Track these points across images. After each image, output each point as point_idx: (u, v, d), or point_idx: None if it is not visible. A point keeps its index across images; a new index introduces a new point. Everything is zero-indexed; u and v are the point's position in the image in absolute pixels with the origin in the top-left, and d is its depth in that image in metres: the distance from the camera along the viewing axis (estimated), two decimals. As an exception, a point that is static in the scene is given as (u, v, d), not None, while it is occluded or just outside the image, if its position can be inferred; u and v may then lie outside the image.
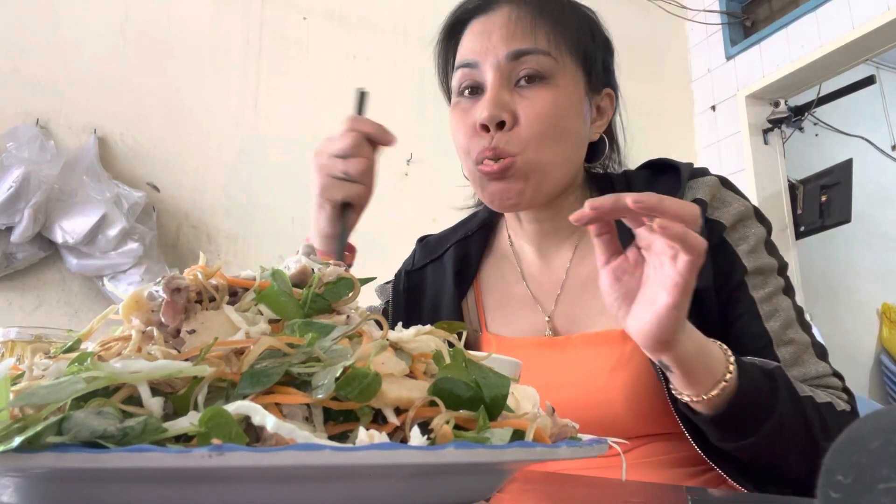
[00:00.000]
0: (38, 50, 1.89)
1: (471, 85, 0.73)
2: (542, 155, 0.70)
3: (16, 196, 1.65)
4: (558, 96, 0.71)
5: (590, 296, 0.75)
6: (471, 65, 0.73)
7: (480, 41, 0.72)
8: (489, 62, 0.71)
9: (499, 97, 0.69)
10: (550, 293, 0.79)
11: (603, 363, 0.70)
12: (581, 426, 0.69)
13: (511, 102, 0.70)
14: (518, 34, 0.71)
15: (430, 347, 0.34)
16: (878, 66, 3.73)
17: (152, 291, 0.32)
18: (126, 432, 0.23)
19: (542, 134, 0.69)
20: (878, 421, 0.21)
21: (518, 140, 0.69)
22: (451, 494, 0.30)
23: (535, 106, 0.69)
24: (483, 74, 0.72)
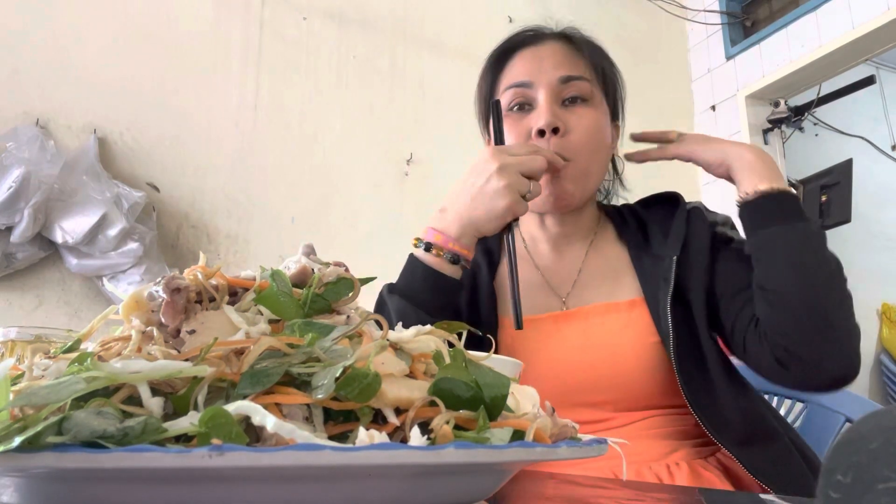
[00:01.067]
0: (38, 50, 1.89)
1: (521, 102, 0.84)
2: (589, 163, 0.83)
3: (16, 196, 1.64)
4: (598, 115, 0.84)
5: (600, 281, 0.87)
6: (524, 84, 0.84)
7: (533, 65, 0.85)
8: (542, 82, 0.83)
9: (553, 109, 0.82)
10: (566, 282, 0.89)
11: (612, 326, 0.81)
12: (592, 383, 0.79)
13: (562, 115, 0.82)
14: (566, 63, 0.84)
15: (430, 347, 0.34)
16: (878, 66, 3.73)
17: (152, 291, 0.32)
18: (126, 432, 0.23)
19: (589, 144, 0.82)
20: (878, 421, 0.21)
21: (570, 147, 0.81)
22: (451, 494, 0.30)
23: (582, 120, 0.82)
24: (535, 93, 0.83)
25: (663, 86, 3.14)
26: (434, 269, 0.76)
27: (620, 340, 0.80)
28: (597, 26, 2.87)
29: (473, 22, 2.60)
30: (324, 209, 2.19)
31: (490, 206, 0.74)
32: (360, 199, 2.25)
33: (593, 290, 0.87)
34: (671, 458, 0.75)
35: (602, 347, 0.80)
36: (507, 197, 0.73)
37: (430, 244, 0.77)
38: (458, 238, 0.76)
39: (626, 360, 0.79)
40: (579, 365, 0.80)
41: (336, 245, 2.14)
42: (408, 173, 2.33)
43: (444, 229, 0.77)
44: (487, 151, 0.76)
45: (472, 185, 0.76)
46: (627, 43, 3.05)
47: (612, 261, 0.89)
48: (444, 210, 0.78)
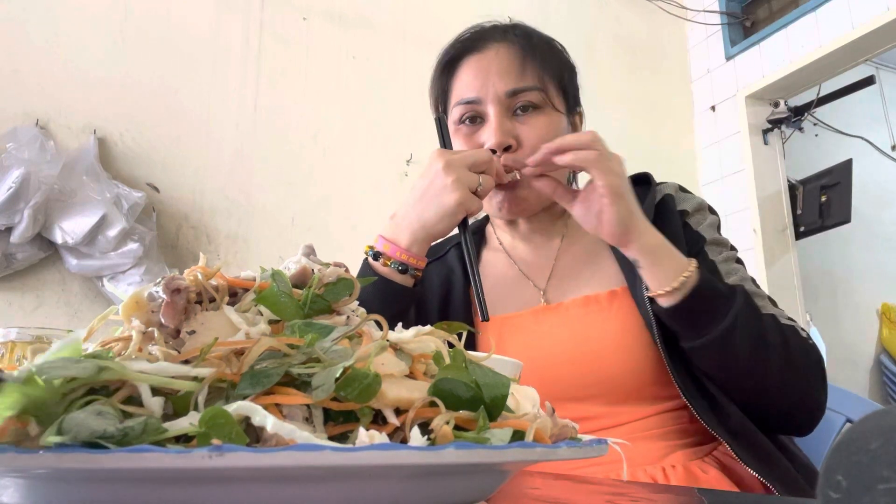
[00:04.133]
0: (38, 50, 1.89)
1: (471, 116, 0.84)
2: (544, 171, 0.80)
3: (15, 196, 1.64)
4: (550, 121, 0.82)
5: (578, 269, 0.86)
6: (473, 101, 0.83)
7: (479, 79, 0.83)
8: (490, 98, 0.82)
9: (503, 126, 0.81)
10: (542, 273, 0.88)
11: (594, 319, 0.79)
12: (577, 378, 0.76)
13: (513, 129, 0.81)
14: (512, 72, 0.82)
15: (430, 348, 0.34)
16: (878, 67, 3.74)
17: (152, 292, 0.32)
18: (126, 432, 0.23)
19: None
20: (878, 421, 0.21)
21: (523, 158, 0.79)
22: (451, 495, 0.30)
23: (533, 131, 0.81)
24: (484, 108, 0.82)
25: (663, 86, 3.14)
26: (383, 278, 0.75)
27: (603, 332, 0.78)
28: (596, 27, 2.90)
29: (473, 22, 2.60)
30: (324, 209, 2.19)
31: (439, 204, 0.72)
32: (360, 199, 2.25)
33: (572, 280, 0.86)
34: (666, 460, 0.73)
35: (585, 340, 0.78)
36: (455, 191, 0.71)
37: (379, 253, 0.76)
38: (408, 246, 0.74)
39: (611, 352, 0.77)
40: (563, 360, 0.78)
41: (336, 245, 2.14)
42: (408, 173, 2.33)
43: (394, 237, 0.75)
44: (433, 154, 0.75)
45: (420, 187, 0.74)
46: (627, 43, 3.05)
47: (589, 247, 0.88)
48: (395, 216, 0.77)
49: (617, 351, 0.77)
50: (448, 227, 0.74)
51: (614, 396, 0.77)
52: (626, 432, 0.76)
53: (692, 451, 0.75)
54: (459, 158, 0.73)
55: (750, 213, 2.86)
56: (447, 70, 0.88)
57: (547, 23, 0.95)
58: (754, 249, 2.83)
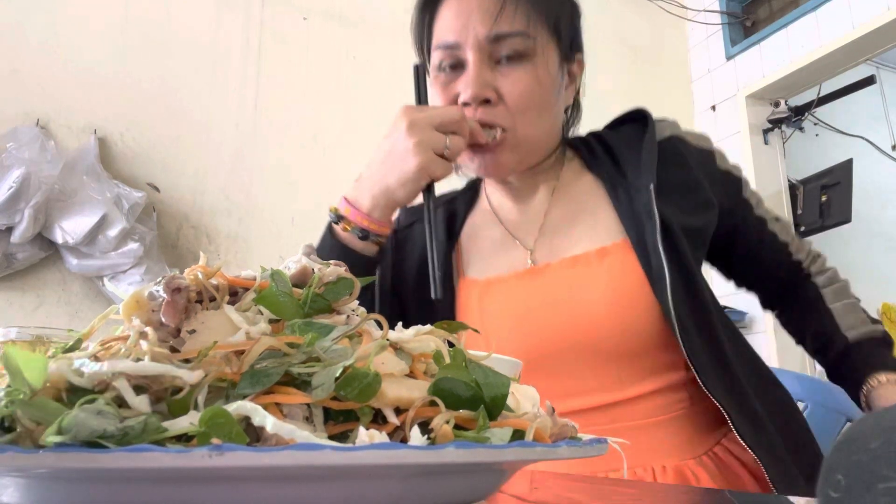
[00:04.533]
0: (38, 50, 1.89)
1: (451, 63, 0.74)
2: (530, 129, 0.73)
3: (16, 196, 1.64)
4: (538, 72, 0.72)
5: (568, 227, 0.78)
6: (451, 46, 0.73)
7: (460, 21, 0.72)
8: (470, 43, 0.71)
9: (481, 76, 0.71)
10: (530, 231, 0.81)
11: (581, 281, 0.72)
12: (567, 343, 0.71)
13: (493, 80, 0.71)
14: (496, 13, 0.71)
15: (430, 347, 0.34)
16: (879, 66, 3.73)
17: (153, 291, 0.32)
18: (126, 432, 0.23)
19: (528, 110, 0.72)
20: (878, 421, 0.21)
21: (505, 114, 0.71)
22: (451, 494, 0.30)
23: (517, 84, 0.71)
24: (464, 53, 0.72)
25: (663, 85, 3.14)
26: (342, 244, 0.70)
27: (592, 295, 0.70)
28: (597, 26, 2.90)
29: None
30: (324, 209, 2.19)
31: (401, 168, 0.66)
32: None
33: (563, 236, 0.78)
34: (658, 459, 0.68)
35: (573, 305, 0.71)
36: (417, 156, 0.65)
37: (340, 216, 0.70)
38: (369, 211, 0.68)
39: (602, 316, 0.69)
40: (548, 327, 0.71)
41: (336, 245, 2.14)
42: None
43: (356, 200, 0.70)
44: (399, 111, 0.68)
45: (383, 148, 0.68)
46: (627, 43, 3.05)
47: (584, 197, 0.79)
48: (359, 179, 0.71)
49: (608, 314, 0.69)
50: (411, 193, 0.67)
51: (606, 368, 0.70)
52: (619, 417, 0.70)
53: (688, 449, 0.70)
54: (425, 117, 0.66)
55: (750, 213, 2.86)
56: (428, 7, 0.78)
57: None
58: (754, 249, 2.83)
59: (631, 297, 0.69)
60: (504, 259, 0.80)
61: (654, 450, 0.69)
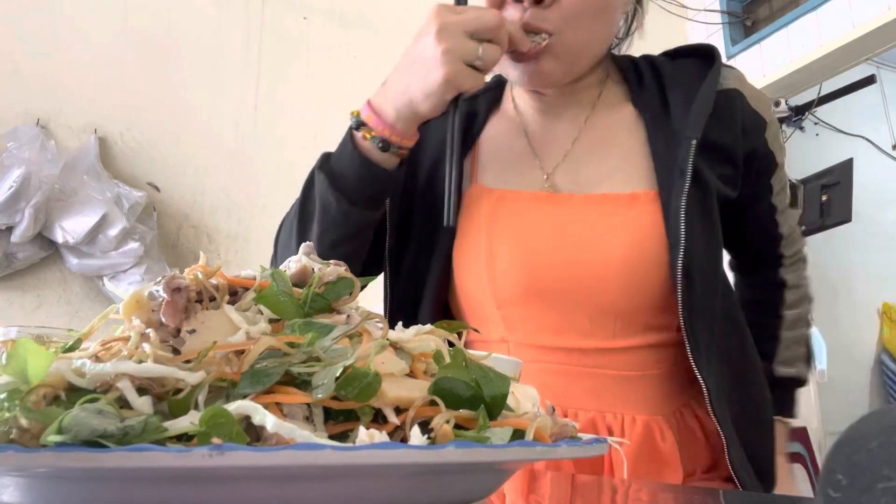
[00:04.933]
0: (39, 50, 1.89)
1: None
2: (579, 35, 0.66)
3: (16, 196, 1.65)
4: None
5: (598, 160, 0.72)
6: None
7: None
8: None
9: None
10: (553, 153, 0.74)
11: (605, 221, 0.67)
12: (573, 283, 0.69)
13: None
14: None
15: (431, 347, 0.34)
16: (879, 66, 3.73)
17: (153, 291, 0.32)
18: (126, 431, 0.23)
19: (583, 14, 0.64)
20: (878, 420, 0.21)
21: (556, 17, 0.63)
22: (452, 494, 0.30)
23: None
24: None
25: (664, 85, 3.14)
26: (362, 155, 0.64)
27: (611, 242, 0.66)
28: (597, 26, 2.77)
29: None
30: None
31: (426, 78, 0.59)
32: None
33: (589, 167, 0.72)
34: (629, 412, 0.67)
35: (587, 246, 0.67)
36: (444, 65, 0.57)
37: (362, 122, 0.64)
38: (393, 122, 0.62)
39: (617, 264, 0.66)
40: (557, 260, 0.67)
41: (336, 245, 2.14)
42: (408, 173, 2.33)
43: (380, 108, 0.64)
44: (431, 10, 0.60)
45: (410, 52, 0.61)
46: (628, 42, 3.05)
47: (620, 133, 0.73)
48: (386, 83, 0.65)
49: (622, 265, 0.66)
50: (436, 107, 0.61)
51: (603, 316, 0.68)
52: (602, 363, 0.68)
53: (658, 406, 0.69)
54: (457, 21, 0.58)
55: (750, 213, 2.86)
56: None
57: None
58: (755, 249, 2.83)
59: (648, 255, 0.66)
60: (522, 175, 0.74)
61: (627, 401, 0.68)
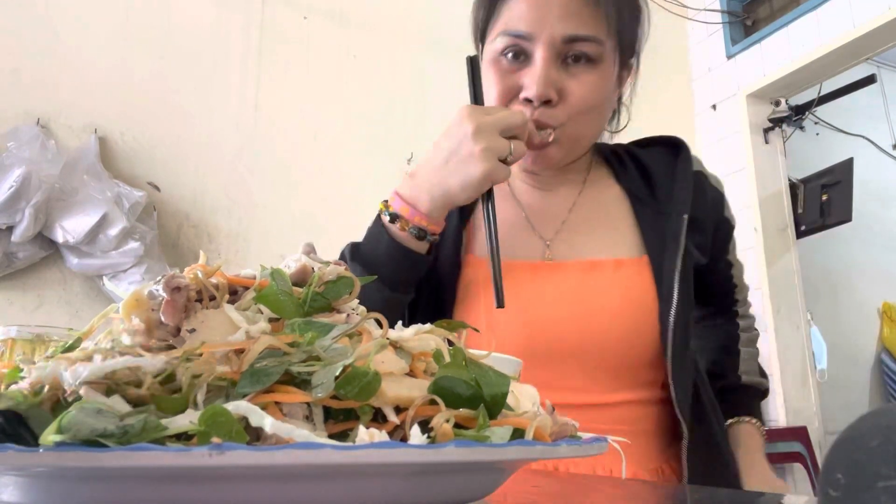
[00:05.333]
0: (39, 50, 1.89)
1: (515, 52, 0.72)
2: (580, 129, 0.74)
3: (16, 195, 1.65)
4: (602, 78, 0.73)
5: (589, 230, 0.79)
6: (522, 36, 0.71)
7: (537, 13, 0.70)
8: (543, 39, 0.70)
9: (549, 75, 0.70)
10: (551, 223, 0.80)
11: (594, 285, 0.74)
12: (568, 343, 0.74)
13: (559, 80, 0.71)
14: (575, 16, 0.70)
15: (430, 346, 0.34)
16: (879, 65, 3.73)
17: (152, 290, 0.32)
18: (126, 430, 0.23)
19: (585, 112, 0.73)
20: (878, 419, 0.21)
21: (562, 115, 0.72)
22: (452, 493, 0.30)
23: (582, 86, 0.71)
24: (533, 47, 0.71)
25: (664, 85, 3.14)
26: (399, 244, 0.68)
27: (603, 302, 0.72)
28: (597, 25, 2.75)
29: (474, 21, 2.60)
30: (324, 208, 2.19)
31: (465, 173, 0.64)
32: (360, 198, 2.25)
33: (583, 236, 0.78)
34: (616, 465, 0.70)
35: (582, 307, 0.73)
36: (484, 162, 0.63)
37: (396, 215, 0.69)
38: (428, 212, 0.67)
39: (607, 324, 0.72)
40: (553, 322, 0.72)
41: (336, 244, 2.14)
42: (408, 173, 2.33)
43: (414, 200, 0.68)
44: (462, 111, 0.66)
45: (445, 148, 0.66)
46: (628, 42, 3.05)
47: (609, 207, 0.81)
48: (415, 176, 0.69)
49: (614, 325, 0.72)
50: (472, 198, 0.67)
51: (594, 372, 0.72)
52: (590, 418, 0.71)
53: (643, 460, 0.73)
54: (491, 123, 0.64)
55: (751, 212, 2.86)
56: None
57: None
58: (755, 248, 2.83)
59: (638, 314, 0.72)
60: (519, 244, 0.79)
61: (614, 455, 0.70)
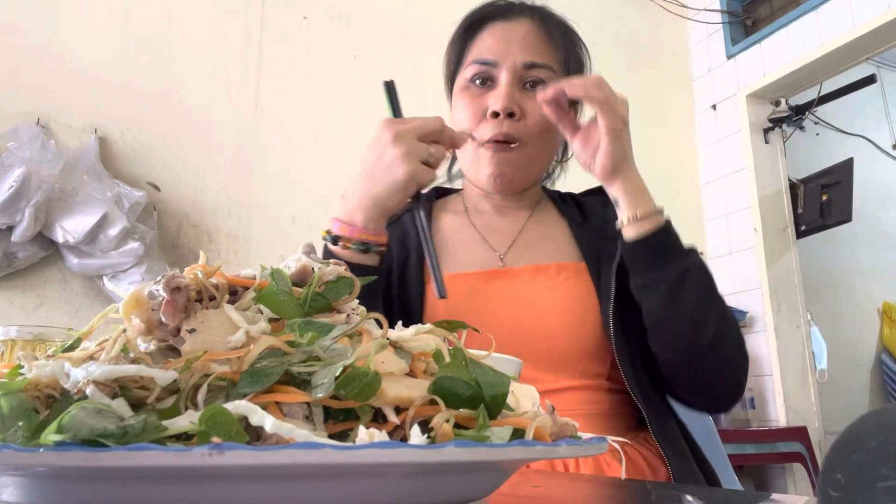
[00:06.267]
0: (39, 50, 1.89)
1: (483, 78, 0.85)
2: (537, 149, 0.85)
3: (17, 195, 1.65)
4: None
5: (537, 245, 0.88)
6: (490, 63, 0.84)
7: (502, 45, 0.84)
8: (507, 65, 0.83)
9: (512, 93, 0.82)
10: (503, 241, 0.89)
11: (541, 286, 0.82)
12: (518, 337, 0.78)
13: (520, 100, 0.83)
14: (534, 48, 0.84)
15: (430, 346, 0.34)
16: (879, 65, 3.73)
17: (152, 290, 0.32)
18: (126, 430, 0.23)
19: (541, 132, 0.83)
20: (878, 419, 0.21)
21: (524, 131, 0.82)
22: (452, 493, 0.30)
23: (539, 107, 0.80)
24: (498, 72, 0.84)
25: (664, 85, 3.14)
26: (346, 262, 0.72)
27: (550, 301, 0.80)
28: (597, 26, 2.90)
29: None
30: (324, 208, 2.19)
31: (390, 178, 0.69)
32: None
33: (532, 250, 0.87)
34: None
35: (531, 302, 0.80)
36: (406, 165, 0.69)
37: (338, 237, 0.73)
38: (364, 224, 0.72)
39: (554, 317, 0.79)
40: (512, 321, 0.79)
41: (336, 244, 2.14)
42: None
43: (349, 217, 0.73)
44: (381, 124, 0.73)
45: (369, 160, 0.72)
46: (628, 42, 3.05)
47: (553, 229, 0.91)
48: (346, 196, 0.74)
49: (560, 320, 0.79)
50: (401, 201, 0.71)
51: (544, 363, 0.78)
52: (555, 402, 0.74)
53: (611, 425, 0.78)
54: (409, 129, 0.71)
55: (751, 212, 2.86)
56: (471, 29, 0.88)
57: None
58: (755, 248, 2.83)
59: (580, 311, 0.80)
60: (475, 257, 0.87)
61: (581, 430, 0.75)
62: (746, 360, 0.78)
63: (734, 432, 2.48)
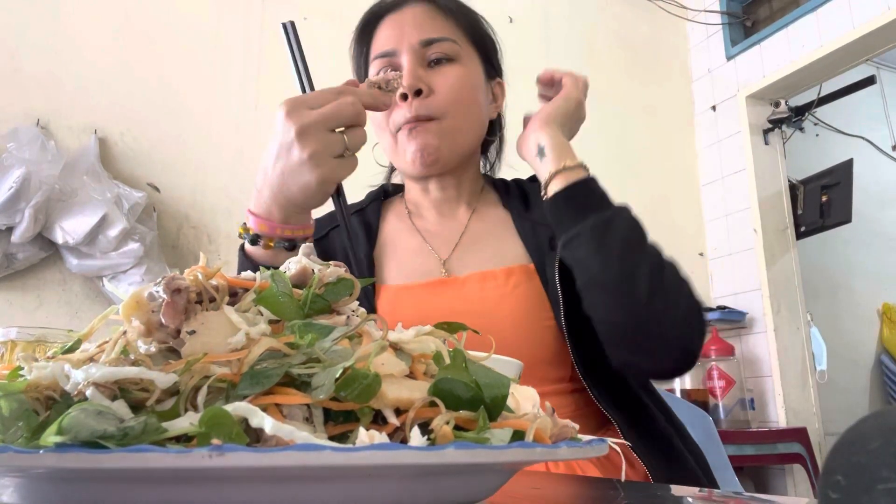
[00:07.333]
0: (39, 50, 1.89)
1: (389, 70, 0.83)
2: (456, 119, 0.82)
3: (16, 196, 1.65)
4: (465, 72, 0.84)
5: (484, 243, 0.87)
6: (388, 54, 0.84)
7: (395, 32, 0.84)
8: (404, 48, 0.82)
9: (415, 71, 0.81)
10: (446, 243, 0.88)
11: (490, 294, 0.80)
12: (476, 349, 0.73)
13: (426, 77, 0.82)
14: (427, 26, 0.84)
15: (430, 348, 0.34)
16: (879, 66, 3.73)
17: (152, 292, 0.32)
18: (126, 432, 0.23)
19: (456, 101, 0.82)
20: (878, 421, 0.21)
21: (436, 106, 0.81)
22: (451, 495, 0.30)
23: (447, 78, 0.82)
24: (399, 59, 0.83)
25: (664, 86, 3.14)
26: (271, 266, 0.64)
27: (500, 308, 0.77)
28: (597, 26, 2.90)
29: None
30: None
31: (301, 182, 0.60)
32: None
33: (475, 253, 0.85)
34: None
35: (481, 315, 0.77)
36: (315, 168, 0.59)
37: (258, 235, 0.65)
38: (284, 221, 0.64)
39: (508, 327, 0.76)
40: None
41: (336, 245, 2.14)
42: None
43: (267, 213, 0.64)
44: (283, 108, 0.61)
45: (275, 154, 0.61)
46: (628, 43, 3.05)
47: (495, 225, 0.88)
48: (259, 188, 0.65)
49: (512, 327, 0.76)
50: (321, 201, 0.63)
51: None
52: None
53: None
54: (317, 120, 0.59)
55: (750, 213, 2.86)
56: (365, 31, 0.89)
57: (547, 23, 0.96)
58: (755, 249, 2.83)
59: (533, 316, 0.78)
60: (419, 266, 0.86)
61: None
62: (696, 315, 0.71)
63: (734, 433, 2.48)
